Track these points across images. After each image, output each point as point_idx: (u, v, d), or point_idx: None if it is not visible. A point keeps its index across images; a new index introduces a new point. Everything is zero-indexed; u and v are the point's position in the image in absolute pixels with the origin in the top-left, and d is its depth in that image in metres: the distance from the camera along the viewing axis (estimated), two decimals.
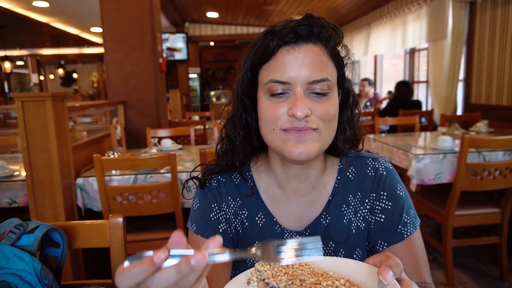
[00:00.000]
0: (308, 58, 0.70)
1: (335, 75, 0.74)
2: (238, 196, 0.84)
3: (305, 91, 0.70)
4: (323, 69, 0.70)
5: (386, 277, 0.49)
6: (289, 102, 0.70)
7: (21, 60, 13.70)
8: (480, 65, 4.05)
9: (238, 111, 0.79)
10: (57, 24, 8.31)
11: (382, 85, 7.12)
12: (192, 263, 0.42)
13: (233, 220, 0.83)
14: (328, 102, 0.71)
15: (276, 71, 0.70)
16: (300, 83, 0.69)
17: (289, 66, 0.69)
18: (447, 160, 2.43)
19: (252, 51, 0.75)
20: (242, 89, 0.78)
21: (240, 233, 0.83)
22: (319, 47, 0.72)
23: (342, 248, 0.81)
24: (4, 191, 2.20)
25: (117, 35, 3.59)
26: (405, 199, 0.80)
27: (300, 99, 0.69)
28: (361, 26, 7.08)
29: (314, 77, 0.69)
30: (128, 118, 3.67)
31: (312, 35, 0.71)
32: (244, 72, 0.77)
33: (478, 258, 2.77)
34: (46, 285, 0.86)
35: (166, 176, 2.19)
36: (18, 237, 0.87)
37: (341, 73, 0.77)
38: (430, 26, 4.69)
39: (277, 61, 0.71)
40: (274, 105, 0.71)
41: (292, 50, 0.70)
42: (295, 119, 0.69)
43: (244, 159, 0.83)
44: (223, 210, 0.83)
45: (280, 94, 0.71)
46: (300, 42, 0.70)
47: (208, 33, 9.48)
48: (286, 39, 0.70)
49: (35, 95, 2.04)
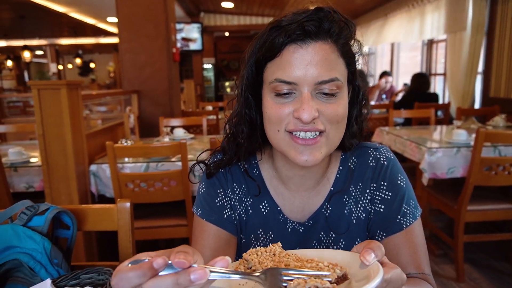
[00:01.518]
0: (317, 57, 0.65)
1: (345, 73, 0.70)
2: (244, 184, 0.84)
3: (313, 92, 0.67)
4: (332, 68, 0.66)
5: (367, 258, 0.49)
6: (295, 103, 0.67)
7: (40, 49, 13.98)
8: (500, 57, 3.93)
9: (243, 108, 0.77)
10: (74, 14, 8.44)
11: (399, 77, 6.99)
12: (192, 277, 0.41)
13: (237, 206, 0.84)
14: (337, 103, 0.68)
15: (282, 70, 0.66)
16: (308, 83, 0.65)
17: (296, 65, 0.65)
18: (461, 154, 2.39)
19: (257, 46, 0.71)
20: (246, 86, 0.75)
21: (244, 220, 0.84)
22: (329, 45, 0.67)
23: (343, 239, 0.81)
24: (21, 176, 2.27)
25: (131, 25, 3.63)
26: (405, 189, 0.79)
27: (307, 101, 0.65)
28: (378, 17, 6.93)
29: (322, 78, 0.65)
30: (142, 107, 3.72)
31: (321, 31, 0.66)
32: (249, 68, 0.73)
33: (490, 254, 2.73)
34: (55, 264, 0.89)
35: (177, 164, 2.22)
36: (29, 218, 0.91)
37: (351, 70, 0.72)
38: (449, 16, 4.55)
39: (283, 59, 0.67)
40: (279, 105, 0.68)
41: (300, 48, 0.66)
42: (301, 121, 0.66)
43: (249, 155, 0.83)
44: (228, 196, 0.84)
45: (285, 94, 0.67)
46: (308, 39, 0.66)
47: (223, 23, 9.46)
48: (293, 36, 0.65)
49: (51, 83, 2.09)
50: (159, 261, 0.41)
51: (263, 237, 0.83)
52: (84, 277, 0.83)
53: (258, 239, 0.83)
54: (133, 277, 0.40)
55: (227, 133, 0.83)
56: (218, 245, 0.79)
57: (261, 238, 0.83)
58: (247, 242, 0.84)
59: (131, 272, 0.40)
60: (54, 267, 0.89)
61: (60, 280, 0.81)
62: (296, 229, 0.82)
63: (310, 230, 0.81)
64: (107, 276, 0.81)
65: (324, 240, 0.81)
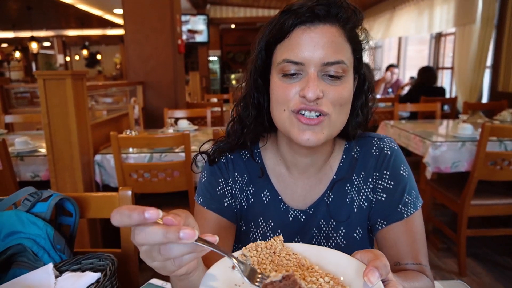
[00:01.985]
0: (324, 39, 0.68)
1: (351, 58, 0.72)
2: (245, 173, 0.85)
3: (319, 73, 0.69)
4: (338, 51, 0.68)
5: (371, 279, 0.47)
6: (301, 83, 0.69)
7: (48, 41, 14.05)
8: (509, 51, 3.86)
9: (251, 91, 0.79)
10: (81, 5, 8.45)
11: (406, 71, 6.92)
12: (181, 234, 0.43)
13: (238, 195, 0.85)
14: (341, 86, 0.70)
15: (290, 50, 0.69)
16: (314, 64, 0.68)
17: (304, 46, 0.68)
18: (465, 149, 2.37)
19: (267, 29, 0.74)
20: (255, 69, 0.77)
21: (244, 208, 0.85)
22: (336, 28, 0.69)
23: (343, 227, 0.81)
24: (27, 165, 2.30)
25: (137, 16, 3.63)
26: (408, 179, 0.80)
27: (313, 81, 0.67)
28: (386, 10, 6.85)
29: (328, 59, 0.67)
30: (147, 98, 3.73)
31: (329, 15, 0.69)
32: (259, 52, 0.76)
33: (493, 249, 2.72)
34: (58, 250, 0.91)
35: (180, 155, 2.24)
36: (33, 204, 0.92)
37: (357, 57, 0.74)
38: (458, 9, 4.48)
39: (292, 40, 0.69)
40: (286, 85, 0.70)
41: (308, 30, 0.68)
42: (306, 100, 0.68)
43: (254, 139, 0.84)
44: (229, 185, 0.84)
45: (293, 75, 0.70)
46: (316, 22, 0.68)
47: (229, 15, 9.41)
48: (303, 18, 0.68)
49: (56, 73, 2.11)
50: (151, 211, 0.43)
51: (263, 225, 0.84)
52: (85, 262, 0.84)
53: (258, 227, 0.84)
54: (126, 215, 0.43)
55: (233, 117, 0.84)
56: (218, 232, 0.80)
57: (261, 226, 0.84)
58: (247, 230, 0.85)
59: (126, 211, 0.43)
60: (57, 252, 0.91)
61: (62, 265, 0.82)
62: (298, 217, 0.83)
63: (311, 218, 0.82)
64: (107, 262, 0.83)
65: (324, 228, 0.82)
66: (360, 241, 0.82)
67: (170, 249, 0.45)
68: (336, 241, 0.82)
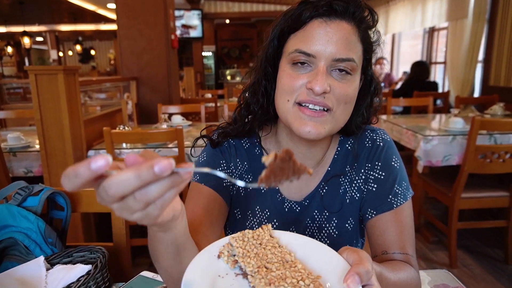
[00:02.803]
0: (338, 35, 0.69)
1: (361, 58, 0.73)
2: (246, 161, 0.86)
3: (328, 68, 0.70)
4: (351, 49, 0.69)
5: (351, 285, 0.47)
6: (309, 75, 0.70)
7: (40, 36, 13.89)
8: (501, 45, 3.89)
9: (260, 79, 0.80)
10: (74, 0, 8.35)
11: (399, 65, 6.94)
12: (156, 169, 0.36)
13: None
14: (348, 83, 0.71)
15: (304, 41, 0.70)
16: (325, 58, 0.69)
17: (318, 39, 0.69)
18: (456, 142, 2.40)
19: (283, 18, 0.75)
20: (266, 57, 0.78)
21: (242, 195, 0.85)
22: (351, 26, 0.70)
23: (335, 217, 0.83)
24: (20, 161, 2.30)
25: (130, 11, 3.61)
26: (399, 171, 0.81)
27: (322, 74, 0.68)
28: (380, 4, 6.86)
29: (340, 55, 0.68)
30: (140, 94, 3.72)
31: (347, 12, 0.70)
32: (271, 40, 0.76)
33: (483, 241, 2.76)
34: (50, 243, 0.92)
35: (174, 150, 2.24)
36: (24, 198, 0.93)
37: (367, 57, 0.75)
38: (450, 4, 4.51)
39: (307, 32, 0.70)
40: (294, 75, 0.71)
41: (324, 23, 0.69)
42: (312, 93, 0.69)
43: (259, 126, 0.85)
44: (230, 169, 0.85)
45: (302, 64, 0.71)
46: (333, 16, 0.69)
47: (224, 10, 9.36)
48: (320, 11, 0.69)
49: (48, 68, 2.10)
50: (98, 159, 0.36)
51: (259, 213, 0.85)
52: (77, 255, 0.85)
53: (254, 215, 0.85)
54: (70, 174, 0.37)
55: (240, 103, 0.85)
56: (212, 207, 0.79)
57: (258, 214, 0.85)
58: (244, 218, 0.86)
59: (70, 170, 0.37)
60: (48, 246, 0.92)
61: (53, 258, 0.83)
62: (293, 208, 0.84)
63: (306, 209, 0.84)
64: (98, 255, 0.84)
65: (317, 219, 0.83)
66: (352, 231, 0.84)
67: (147, 192, 0.38)
68: (329, 231, 0.83)
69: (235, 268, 0.54)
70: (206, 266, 0.52)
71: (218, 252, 0.55)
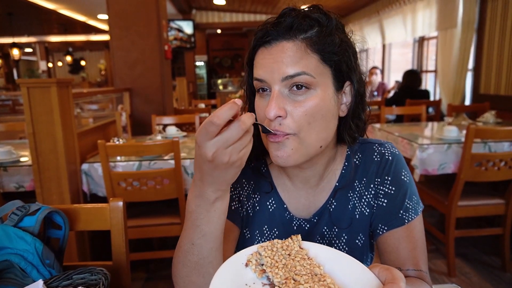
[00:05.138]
0: (282, 54, 0.67)
1: (319, 68, 0.68)
2: (252, 180, 0.85)
3: (283, 90, 0.68)
4: (297, 63, 0.67)
5: None
6: (268, 102, 0.69)
7: (30, 47, 13.77)
8: (490, 54, 3.97)
9: (248, 108, 0.80)
10: (64, 11, 8.31)
11: (390, 74, 7.03)
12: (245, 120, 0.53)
13: (245, 202, 0.84)
14: (308, 100, 0.67)
15: (256, 71, 0.72)
16: (276, 81, 0.68)
17: (263, 65, 0.70)
18: (452, 150, 2.41)
19: (248, 50, 0.77)
20: (247, 87, 0.79)
21: (250, 215, 0.84)
22: (293, 42, 0.67)
23: (345, 233, 0.81)
24: (11, 175, 2.24)
25: (122, 22, 3.59)
26: (409, 185, 0.80)
27: (273, 99, 0.67)
28: (370, 14, 6.96)
29: (287, 73, 0.67)
30: (134, 105, 3.69)
31: (284, 31, 0.68)
32: (247, 71, 0.78)
33: (480, 249, 2.77)
34: (47, 265, 0.88)
35: (169, 162, 2.21)
36: (20, 218, 0.89)
37: (333, 65, 0.70)
38: (440, 14, 4.59)
39: (257, 60, 0.72)
40: (259, 106, 0.72)
41: (265, 50, 0.70)
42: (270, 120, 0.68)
43: (260, 154, 0.85)
44: (237, 190, 0.84)
45: (264, 91, 0.71)
46: (272, 41, 0.69)
47: (215, 20, 9.41)
48: (260, 40, 0.71)
49: (41, 81, 2.06)
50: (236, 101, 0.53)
51: (268, 233, 0.84)
52: (77, 277, 0.82)
53: (263, 235, 0.84)
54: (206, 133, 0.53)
55: None
56: (225, 235, 0.77)
57: (266, 234, 0.84)
58: (252, 238, 0.85)
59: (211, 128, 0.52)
60: (46, 268, 0.88)
61: (52, 281, 0.80)
62: (302, 226, 0.83)
63: (315, 226, 0.82)
64: (100, 276, 0.81)
65: (327, 235, 0.82)
66: (362, 247, 0.82)
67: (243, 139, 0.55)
68: (339, 247, 0.82)
69: (262, 278, 0.53)
70: (234, 274, 0.51)
71: (246, 260, 0.54)
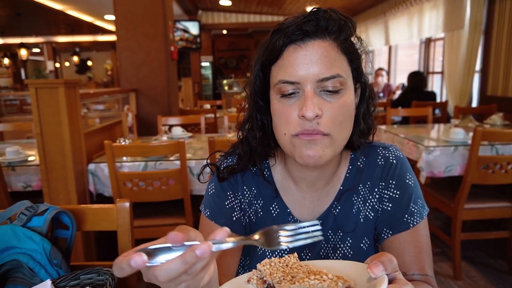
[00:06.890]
0: (316, 55, 0.67)
1: (348, 70, 0.71)
2: (253, 186, 0.84)
3: (316, 90, 0.68)
4: (333, 65, 0.67)
5: (374, 271, 0.48)
6: (299, 103, 0.68)
7: (37, 47, 13.90)
8: (497, 56, 3.94)
9: (254, 113, 0.78)
10: (71, 12, 8.39)
11: (397, 75, 7.00)
12: (197, 253, 0.43)
13: (247, 209, 0.84)
14: (340, 101, 0.68)
15: (285, 71, 0.68)
16: (310, 81, 0.67)
17: (297, 64, 0.67)
18: (458, 153, 2.40)
19: (261, 51, 0.74)
20: (255, 90, 0.77)
21: (253, 222, 0.84)
22: (328, 42, 0.69)
23: (349, 237, 0.81)
24: (19, 175, 2.26)
25: (129, 22, 3.61)
26: (413, 188, 0.80)
27: (310, 99, 0.66)
28: (376, 15, 6.94)
29: (324, 74, 0.66)
30: (140, 105, 3.71)
31: (319, 30, 0.68)
32: (256, 73, 0.75)
33: (487, 252, 2.74)
34: (55, 265, 0.89)
35: (175, 163, 2.22)
36: (28, 218, 0.91)
37: (355, 66, 0.73)
38: (447, 15, 4.56)
39: (285, 60, 0.69)
40: (285, 108, 0.70)
41: (299, 48, 0.68)
42: (305, 120, 0.67)
43: (263, 158, 0.84)
44: (238, 198, 0.83)
45: (290, 95, 0.69)
46: (306, 39, 0.68)
47: (221, 21, 9.43)
48: (292, 37, 0.68)
49: (49, 82, 2.08)
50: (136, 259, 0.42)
51: None
52: (84, 277, 0.83)
53: None
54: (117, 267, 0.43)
55: (241, 139, 0.83)
56: None
57: None
58: None
59: (116, 264, 0.43)
60: (53, 268, 0.89)
61: (60, 281, 0.81)
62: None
63: None
64: (107, 277, 0.81)
65: (332, 239, 0.81)
66: (367, 251, 0.82)
67: (195, 268, 0.46)
68: (343, 251, 0.81)
69: None
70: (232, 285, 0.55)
71: (247, 278, 0.57)
